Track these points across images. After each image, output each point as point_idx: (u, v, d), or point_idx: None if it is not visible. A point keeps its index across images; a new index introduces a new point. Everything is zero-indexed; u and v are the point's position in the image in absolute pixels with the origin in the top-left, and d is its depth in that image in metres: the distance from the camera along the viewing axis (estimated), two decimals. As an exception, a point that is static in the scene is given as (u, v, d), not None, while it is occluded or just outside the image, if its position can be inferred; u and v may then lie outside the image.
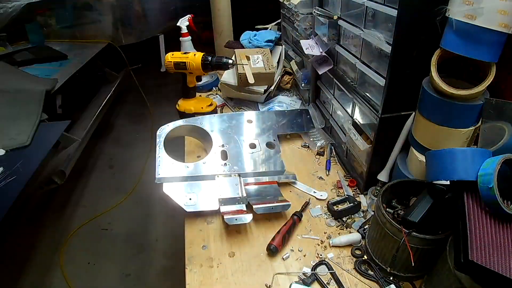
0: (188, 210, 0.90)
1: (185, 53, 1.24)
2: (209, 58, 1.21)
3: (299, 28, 1.28)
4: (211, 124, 1.13)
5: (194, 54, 1.22)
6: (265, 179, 1.02)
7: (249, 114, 1.19)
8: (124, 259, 1.90)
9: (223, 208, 0.89)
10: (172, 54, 1.24)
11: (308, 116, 1.26)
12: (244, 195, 0.94)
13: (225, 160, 1.03)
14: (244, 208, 0.90)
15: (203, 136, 1.13)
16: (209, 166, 1.01)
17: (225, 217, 0.85)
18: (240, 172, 1.01)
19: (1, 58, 2.02)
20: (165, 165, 0.98)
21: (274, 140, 1.13)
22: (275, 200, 0.93)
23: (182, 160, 1.09)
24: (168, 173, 0.96)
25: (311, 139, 1.22)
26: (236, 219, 0.85)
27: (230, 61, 1.21)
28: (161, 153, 1.00)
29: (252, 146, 1.09)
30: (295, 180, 1.05)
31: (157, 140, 1.03)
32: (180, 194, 0.93)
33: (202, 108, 1.33)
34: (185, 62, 1.21)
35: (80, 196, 2.33)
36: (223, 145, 1.07)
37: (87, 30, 2.56)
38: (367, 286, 0.76)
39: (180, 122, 1.11)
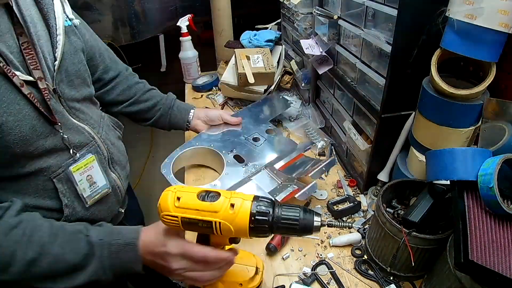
0: None
1: (207, 193, 0.57)
2: (269, 210, 0.54)
3: (299, 28, 1.28)
4: (207, 141, 1.08)
5: (240, 202, 0.55)
6: (284, 162, 1.01)
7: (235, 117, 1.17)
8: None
9: (280, 196, 0.86)
10: (175, 194, 0.56)
11: (281, 97, 1.36)
12: (286, 177, 0.92)
13: (242, 162, 1.01)
14: (297, 186, 0.88)
15: (209, 156, 1.09)
16: (232, 175, 0.97)
17: (296, 196, 0.83)
18: (264, 165, 0.99)
19: None
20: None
21: (270, 126, 1.17)
22: (317, 167, 0.91)
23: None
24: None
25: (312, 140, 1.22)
26: (307, 193, 0.84)
27: (318, 222, 0.56)
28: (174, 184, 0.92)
29: (256, 139, 1.11)
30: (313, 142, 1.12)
31: (164, 173, 0.96)
32: None
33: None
34: (211, 222, 0.55)
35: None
36: (231, 151, 1.05)
37: (87, 29, 2.56)
38: (367, 286, 0.76)
39: (178, 152, 1.04)
